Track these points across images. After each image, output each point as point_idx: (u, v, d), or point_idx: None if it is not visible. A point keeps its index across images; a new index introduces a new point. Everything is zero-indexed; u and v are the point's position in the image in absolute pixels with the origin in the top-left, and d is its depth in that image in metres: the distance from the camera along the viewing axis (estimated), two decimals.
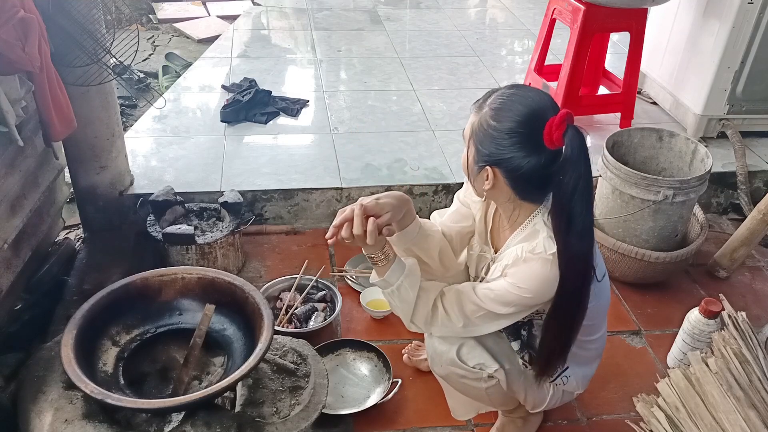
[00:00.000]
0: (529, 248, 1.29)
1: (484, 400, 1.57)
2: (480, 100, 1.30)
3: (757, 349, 1.57)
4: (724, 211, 2.74)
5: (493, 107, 1.26)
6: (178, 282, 1.60)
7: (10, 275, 1.80)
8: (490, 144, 1.26)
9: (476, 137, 1.28)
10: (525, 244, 1.31)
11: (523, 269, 1.29)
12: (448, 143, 2.78)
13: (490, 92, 1.30)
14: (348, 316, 2.10)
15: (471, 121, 1.30)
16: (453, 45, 3.84)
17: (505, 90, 1.28)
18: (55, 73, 1.76)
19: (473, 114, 1.30)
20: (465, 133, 1.32)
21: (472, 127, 1.29)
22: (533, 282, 1.28)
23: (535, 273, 1.28)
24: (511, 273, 1.30)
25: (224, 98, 3.02)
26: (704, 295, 2.22)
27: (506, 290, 1.30)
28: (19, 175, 1.82)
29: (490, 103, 1.27)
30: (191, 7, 4.57)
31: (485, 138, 1.26)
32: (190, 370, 1.50)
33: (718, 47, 2.65)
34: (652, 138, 2.32)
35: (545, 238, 1.29)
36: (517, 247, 1.32)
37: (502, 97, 1.26)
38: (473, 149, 1.30)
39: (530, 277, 1.28)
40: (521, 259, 1.29)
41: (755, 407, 1.41)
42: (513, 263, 1.30)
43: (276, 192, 2.44)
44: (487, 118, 1.26)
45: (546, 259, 1.27)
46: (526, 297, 1.30)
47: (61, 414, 1.36)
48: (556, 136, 1.20)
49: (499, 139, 1.25)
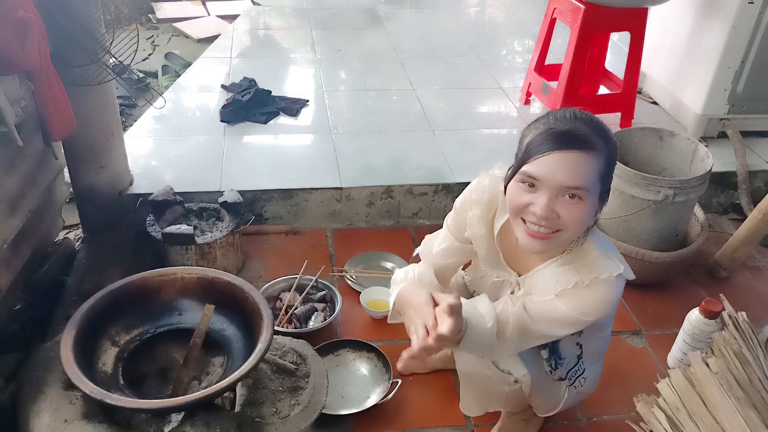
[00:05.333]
0: (592, 273, 1.25)
1: (500, 401, 1.56)
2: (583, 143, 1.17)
3: (758, 349, 1.57)
4: (725, 211, 2.73)
5: (603, 135, 1.21)
6: (178, 282, 1.60)
7: (9, 275, 1.80)
8: (614, 166, 1.25)
9: (604, 172, 1.21)
10: (578, 267, 1.27)
11: (588, 295, 1.26)
12: (448, 143, 2.78)
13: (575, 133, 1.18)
14: (348, 316, 2.10)
15: (594, 165, 1.18)
16: (453, 45, 3.84)
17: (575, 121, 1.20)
18: (55, 72, 1.76)
19: (586, 157, 1.17)
20: (589, 181, 1.18)
21: (601, 169, 1.19)
22: (599, 305, 1.27)
23: (601, 298, 1.26)
24: (571, 298, 1.26)
25: (224, 98, 3.02)
26: (704, 295, 2.22)
27: (567, 315, 1.27)
28: (19, 175, 1.81)
29: (597, 135, 1.19)
30: (191, 7, 4.57)
31: (612, 165, 1.23)
32: (189, 371, 1.50)
33: (719, 47, 2.65)
34: (653, 138, 2.32)
35: (602, 260, 1.26)
36: (569, 271, 1.27)
37: (593, 123, 1.21)
38: (602, 185, 1.22)
39: (596, 302, 1.26)
40: (584, 284, 1.25)
41: (755, 407, 1.41)
42: (574, 287, 1.26)
43: (276, 192, 2.44)
44: (609, 145, 1.21)
45: (612, 282, 1.25)
46: (589, 320, 1.28)
47: (61, 414, 1.36)
48: None
49: (616, 157, 1.26)
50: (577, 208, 1.19)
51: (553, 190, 1.18)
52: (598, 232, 1.34)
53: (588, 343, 1.49)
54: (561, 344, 1.46)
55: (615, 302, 1.28)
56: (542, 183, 1.18)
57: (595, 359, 1.55)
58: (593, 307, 1.26)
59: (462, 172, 2.57)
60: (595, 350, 1.53)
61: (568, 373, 1.51)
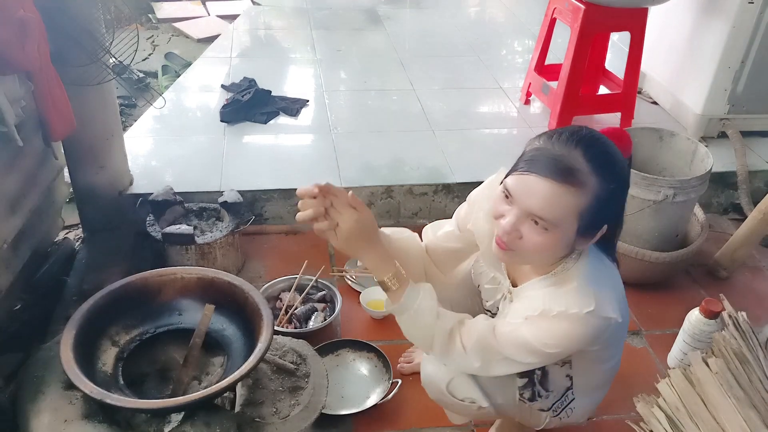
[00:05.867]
0: (561, 305, 1.17)
1: (477, 417, 1.57)
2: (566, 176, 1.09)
3: (758, 349, 1.57)
4: (725, 211, 2.73)
5: (602, 171, 1.11)
6: (178, 282, 1.60)
7: (9, 275, 1.80)
8: (615, 204, 1.17)
9: (587, 211, 1.12)
10: (553, 293, 1.20)
11: (552, 326, 1.18)
12: (448, 143, 2.78)
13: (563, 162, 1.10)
14: (348, 316, 2.10)
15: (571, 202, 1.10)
16: (453, 45, 3.83)
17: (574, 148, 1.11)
18: (55, 72, 1.76)
19: (563, 192, 1.09)
20: (558, 217, 1.11)
21: (581, 207, 1.11)
22: (563, 340, 1.19)
23: (567, 333, 1.18)
24: (537, 326, 1.19)
25: (224, 98, 3.02)
26: (705, 295, 2.22)
27: (529, 343, 1.20)
28: (19, 175, 1.81)
29: (592, 169, 1.10)
30: (191, 7, 4.57)
31: (604, 204, 1.13)
32: (189, 371, 1.50)
33: (719, 47, 2.65)
34: (653, 138, 2.32)
35: (578, 291, 1.17)
36: (545, 296, 1.21)
37: (594, 156, 1.11)
38: (584, 222, 1.13)
39: (560, 336, 1.18)
40: (550, 314, 1.17)
41: (755, 407, 1.41)
42: (540, 315, 1.19)
43: (276, 192, 2.44)
44: (603, 186, 1.11)
45: (580, 319, 1.16)
46: (553, 352, 1.21)
47: (61, 414, 1.36)
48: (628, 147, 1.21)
49: (624, 191, 1.18)
50: (540, 237, 1.13)
51: (521, 210, 1.13)
52: (596, 260, 1.24)
53: (580, 376, 1.39)
54: (550, 378, 1.37)
55: (580, 338, 1.19)
56: (514, 200, 1.14)
57: (589, 391, 1.44)
58: (556, 341, 1.18)
59: (462, 172, 2.57)
60: (592, 382, 1.42)
61: (553, 405, 1.42)
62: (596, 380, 1.42)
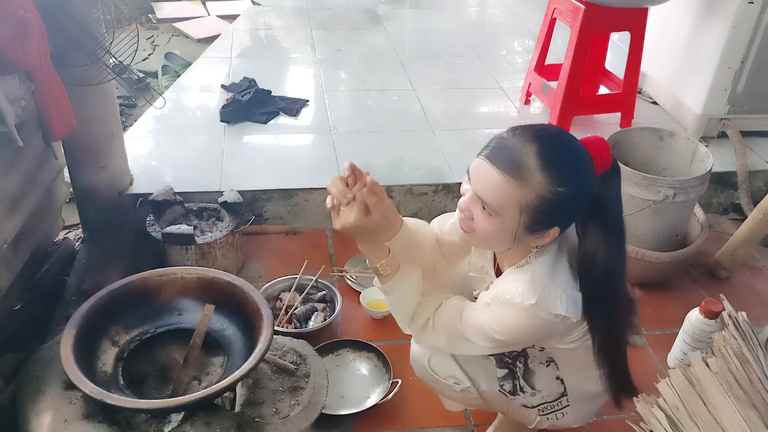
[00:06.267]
0: (508, 293, 1.20)
1: (466, 403, 1.56)
2: (512, 168, 1.11)
3: (758, 349, 1.57)
4: (725, 211, 2.73)
5: (551, 173, 1.10)
6: (178, 282, 1.60)
7: (9, 275, 1.80)
8: (562, 208, 1.14)
9: (529, 206, 1.12)
10: (509, 282, 1.23)
11: (500, 313, 1.22)
12: (448, 143, 2.78)
13: (513, 155, 1.12)
14: (348, 316, 2.10)
15: (513, 194, 1.11)
16: (453, 45, 3.83)
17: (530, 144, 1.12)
18: (55, 72, 1.76)
19: (505, 181, 1.11)
20: (498, 205, 1.14)
21: (523, 201, 1.12)
22: (509, 328, 1.22)
23: (512, 320, 1.20)
24: (489, 311, 1.24)
25: (224, 98, 3.02)
26: (705, 295, 2.22)
27: (482, 326, 1.24)
28: (19, 175, 1.81)
29: (541, 169, 1.10)
30: (191, 7, 4.57)
31: (549, 205, 1.12)
32: (189, 371, 1.50)
33: (719, 47, 2.65)
34: (653, 138, 2.32)
35: (526, 283, 1.19)
36: (504, 284, 1.24)
37: (546, 157, 1.11)
38: (527, 217, 1.14)
39: (505, 323, 1.21)
40: (499, 300, 1.22)
41: (755, 407, 1.41)
42: (493, 301, 1.23)
43: (276, 192, 2.44)
44: (549, 186, 1.11)
45: (523, 309, 1.18)
46: (498, 339, 1.23)
47: (61, 414, 1.36)
48: (606, 158, 1.17)
49: (574, 198, 1.14)
50: (487, 222, 1.16)
51: (474, 192, 1.18)
52: (556, 261, 1.23)
53: (571, 380, 1.40)
54: (537, 376, 1.39)
55: (530, 331, 1.21)
56: (471, 182, 1.19)
57: (585, 398, 1.44)
58: (500, 327, 1.22)
59: (462, 172, 2.54)
60: (587, 389, 1.42)
61: (540, 405, 1.44)
62: (591, 387, 1.41)
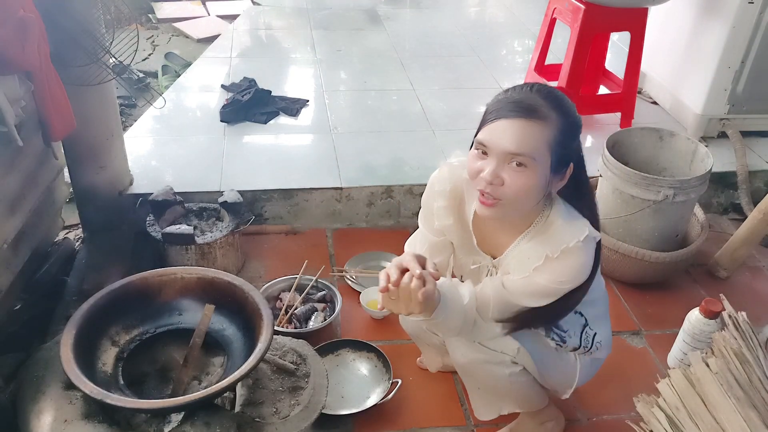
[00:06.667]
0: (560, 243, 1.27)
1: (508, 392, 1.52)
2: (531, 112, 1.20)
3: (758, 349, 1.57)
4: (725, 211, 2.73)
5: (559, 107, 1.22)
6: (178, 282, 1.60)
7: (9, 275, 1.80)
8: (572, 140, 1.26)
9: (555, 143, 1.22)
10: (546, 240, 1.30)
11: (561, 266, 1.29)
12: (448, 143, 2.78)
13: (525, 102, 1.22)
14: (348, 316, 2.10)
15: (542, 134, 1.20)
16: (453, 45, 3.84)
17: (530, 92, 1.24)
18: (55, 72, 1.76)
19: (532, 125, 1.20)
20: (533, 149, 1.20)
21: (549, 138, 1.21)
22: (575, 273, 1.30)
23: (575, 265, 1.29)
24: (548, 270, 1.30)
25: (224, 98, 3.02)
26: (705, 295, 2.22)
27: (545, 287, 1.31)
28: (19, 175, 1.81)
29: (550, 106, 1.21)
30: (191, 7, 4.57)
31: (567, 137, 1.24)
32: (189, 371, 1.50)
33: (719, 47, 2.65)
34: (653, 138, 2.32)
35: (566, 227, 1.28)
36: (537, 245, 1.31)
37: (549, 96, 1.23)
38: (555, 156, 1.23)
39: (570, 270, 1.29)
40: (554, 256, 1.28)
41: (755, 407, 1.41)
42: (546, 261, 1.29)
43: (276, 192, 2.44)
44: (563, 119, 1.22)
45: (580, 248, 1.27)
46: (567, 287, 1.31)
47: (61, 414, 1.36)
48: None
49: (578, 129, 1.27)
50: (522, 177, 1.21)
51: (499, 156, 1.21)
52: (561, 202, 1.34)
53: (587, 309, 1.49)
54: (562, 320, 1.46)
55: (589, 265, 1.31)
56: (490, 149, 1.22)
57: (601, 320, 1.55)
58: (569, 276, 1.30)
59: None
60: (599, 311, 1.54)
61: (582, 341, 1.50)
62: (600, 307, 1.55)
